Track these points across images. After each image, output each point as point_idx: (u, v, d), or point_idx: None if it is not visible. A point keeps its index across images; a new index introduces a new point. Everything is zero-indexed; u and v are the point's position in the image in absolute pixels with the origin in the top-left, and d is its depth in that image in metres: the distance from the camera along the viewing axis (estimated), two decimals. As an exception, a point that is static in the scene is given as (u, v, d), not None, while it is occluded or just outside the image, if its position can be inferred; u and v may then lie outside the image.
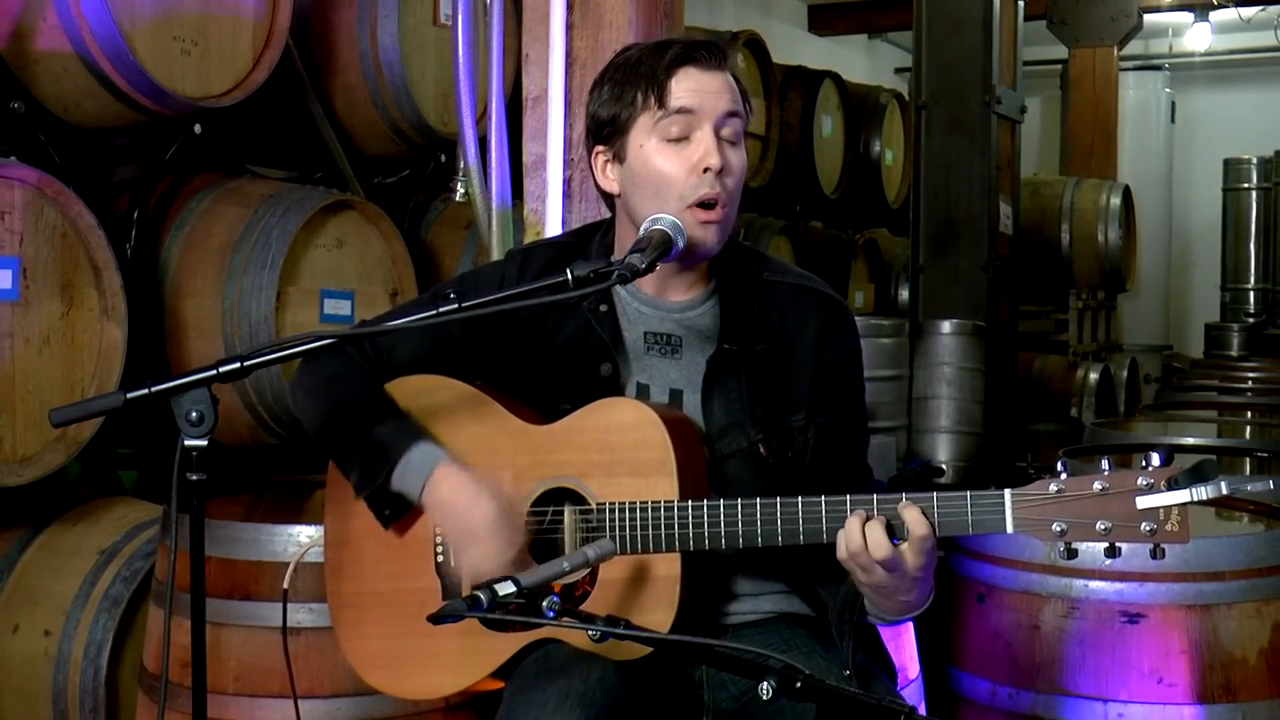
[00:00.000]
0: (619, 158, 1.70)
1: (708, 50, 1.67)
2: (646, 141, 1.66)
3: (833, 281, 1.90)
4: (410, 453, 1.65)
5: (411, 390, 1.74)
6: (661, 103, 1.65)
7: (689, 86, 1.65)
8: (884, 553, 1.49)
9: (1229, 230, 9.86)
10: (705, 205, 1.65)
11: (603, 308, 1.74)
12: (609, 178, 1.73)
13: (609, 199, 1.77)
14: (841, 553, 1.53)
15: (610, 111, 1.70)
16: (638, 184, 1.68)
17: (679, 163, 1.65)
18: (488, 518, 1.61)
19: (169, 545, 2.19)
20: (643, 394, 1.73)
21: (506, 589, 1.35)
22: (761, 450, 1.71)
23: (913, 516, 1.50)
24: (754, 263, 1.80)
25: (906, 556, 1.50)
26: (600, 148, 1.73)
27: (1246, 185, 9.69)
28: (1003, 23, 5.16)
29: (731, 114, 1.67)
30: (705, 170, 1.64)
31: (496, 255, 2.61)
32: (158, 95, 2.88)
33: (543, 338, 1.76)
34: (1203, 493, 1.40)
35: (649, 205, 1.67)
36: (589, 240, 1.83)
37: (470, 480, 1.64)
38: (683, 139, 1.65)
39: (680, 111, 1.64)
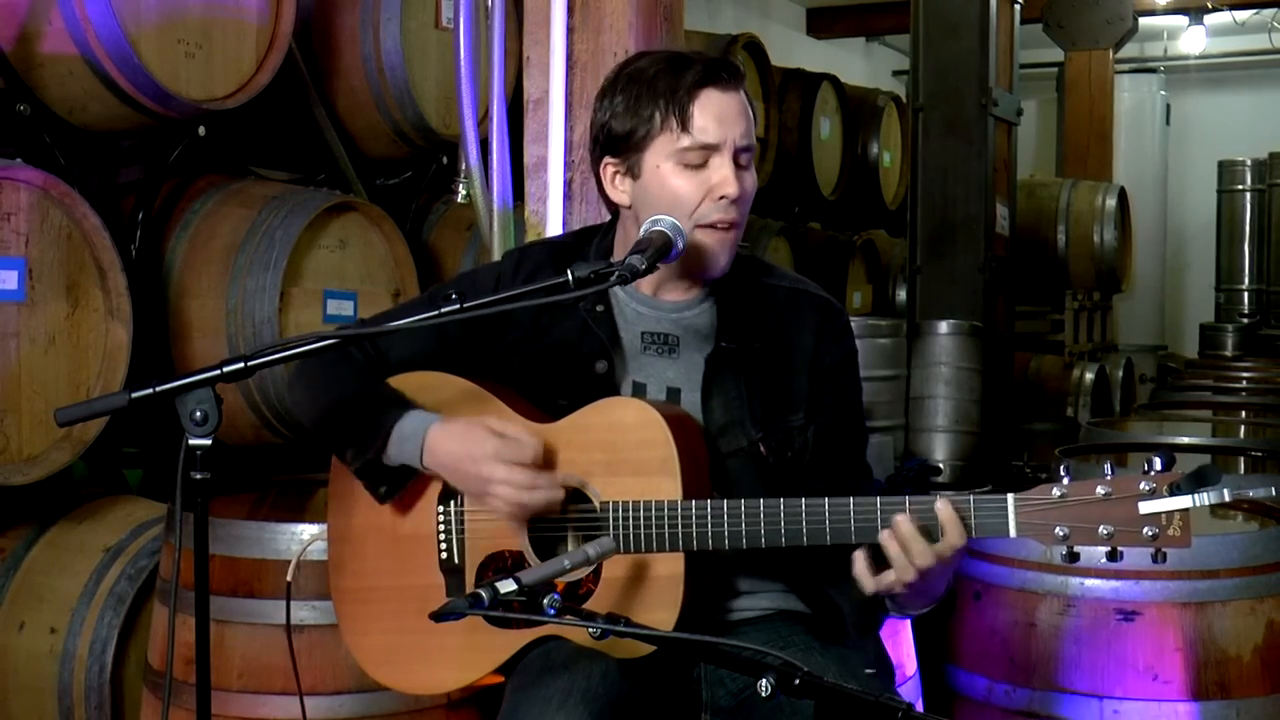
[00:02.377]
0: (632, 173, 1.71)
1: (728, 71, 1.68)
2: (664, 163, 1.67)
3: (831, 282, 1.93)
4: (402, 421, 1.67)
5: (413, 387, 1.75)
6: (685, 127, 1.66)
7: (712, 114, 1.66)
8: (920, 549, 1.51)
9: (1223, 232, 9.89)
10: (716, 228, 1.67)
11: (599, 307, 1.75)
12: (618, 189, 1.74)
13: (612, 205, 1.79)
14: (860, 569, 1.55)
15: (625, 126, 1.69)
16: (650, 201, 1.69)
17: (695, 187, 1.66)
18: (489, 457, 1.62)
19: (173, 543, 2.20)
20: (639, 392, 1.75)
21: (508, 586, 1.37)
22: (762, 449, 1.72)
23: (946, 514, 1.51)
24: (749, 267, 1.81)
25: (945, 551, 1.52)
26: (611, 160, 1.73)
27: (1241, 187, 9.72)
28: (999, 26, 5.17)
29: (747, 147, 1.69)
30: (721, 198, 1.66)
31: (498, 256, 2.62)
32: (162, 98, 2.89)
33: (537, 335, 1.77)
34: (1205, 498, 1.41)
35: None
36: (587, 242, 1.84)
37: (461, 430, 1.65)
38: (701, 165, 1.67)
39: (704, 146, 1.66)
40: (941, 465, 4.38)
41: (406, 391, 1.75)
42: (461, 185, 2.74)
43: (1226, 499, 1.40)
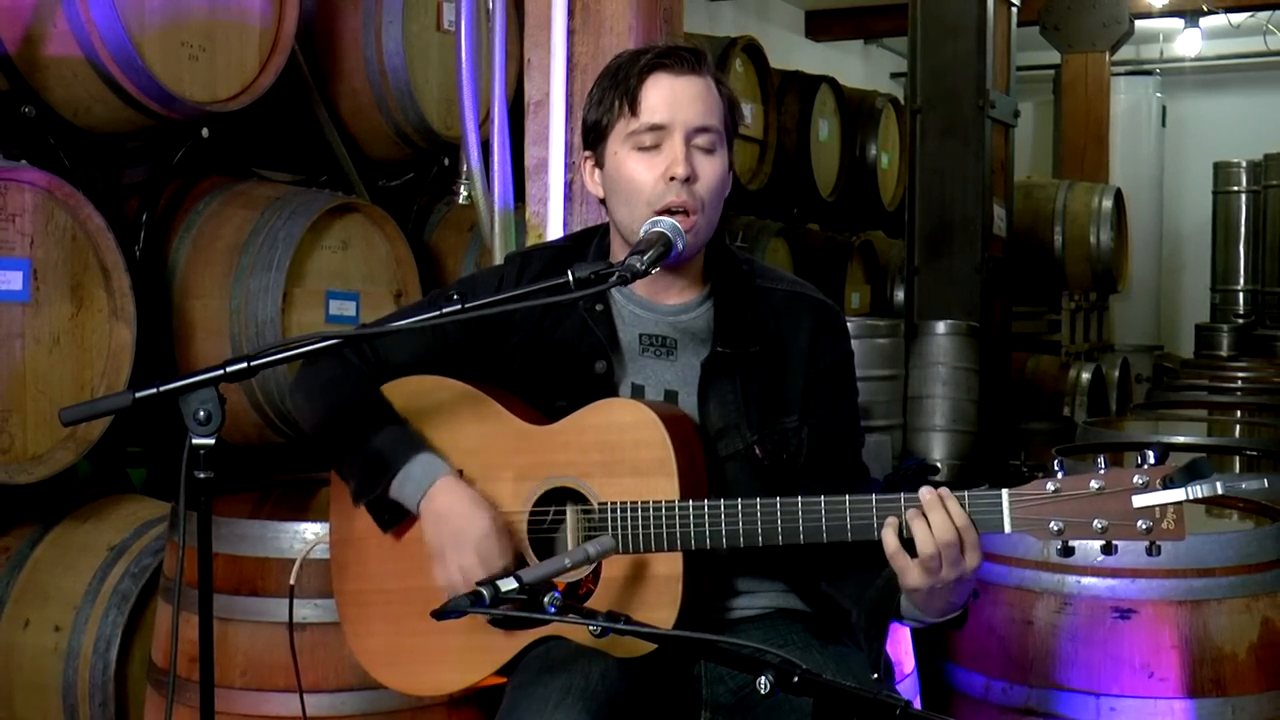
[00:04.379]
0: (600, 163, 1.74)
1: (679, 57, 1.68)
2: (620, 149, 1.69)
3: (829, 283, 1.94)
4: (411, 464, 1.67)
5: (411, 390, 1.76)
6: (634, 110, 1.67)
7: (661, 96, 1.67)
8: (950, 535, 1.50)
9: (1219, 233, 9.92)
10: (672, 211, 1.66)
11: (598, 307, 1.76)
12: (594, 181, 1.76)
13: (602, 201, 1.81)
14: (891, 546, 1.52)
15: (593, 118, 1.73)
16: (613, 190, 1.72)
17: (648, 170, 1.67)
18: (479, 531, 1.63)
19: (177, 542, 2.21)
20: (638, 394, 1.75)
21: (509, 585, 1.38)
22: (757, 452, 1.73)
23: (954, 508, 1.51)
24: (747, 269, 1.82)
25: (967, 555, 1.51)
26: (587, 153, 1.76)
27: (1236, 188, 9.75)
28: (996, 28, 5.19)
29: (703, 128, 1.68)
30: (672, 179, 1.66)
31: (499, 257, 2.64)
32: (166, 100, 2.91)
33: (539, 338, 1.78)
34: (1198, 491, 1.42)
35: (622, 211, 1.70)
36: (586, 244, 1.85)
37: (469, 495, 1.66)
38: (654, 147, 1.67)
39: (652, 127, 1.67)
40: (939, 464, 4.40)
41: (404, 396, 1.75)
42: (463, 186, 2.75)
43: (1219, 491, 1.41)
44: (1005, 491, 1.51)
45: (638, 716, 1.66)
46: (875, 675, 1.66)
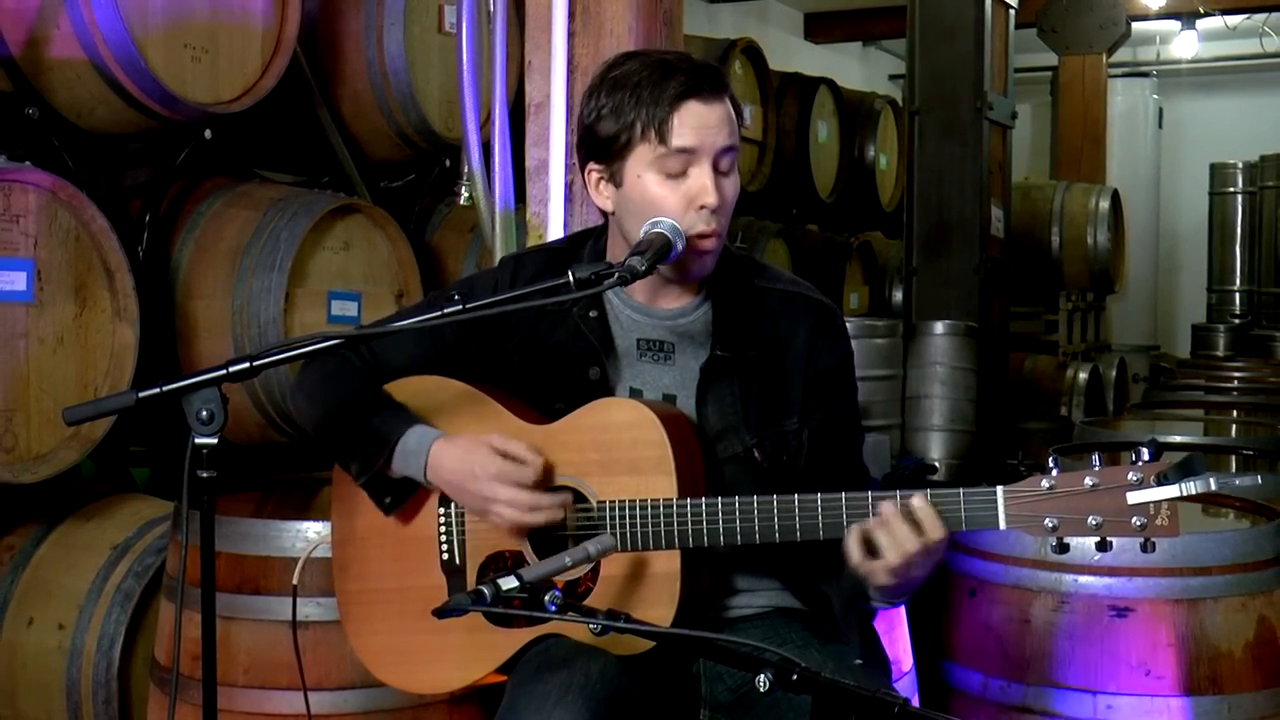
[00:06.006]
0: (615, 181, 1.70)
1: (710, 83, 1.67)
2: (645, 173, 1.67)
3: (828, 283, 1.95)
4: (406, 436, 1.69)
5: (411, 390, 1.77)
6: (663, 139, 1.65)
7: (691, 124, 1.65)
8: (914, 544, 1.53)
9: (1215, 233, 9.92)
10: (703, 237, 1.67)
11: (592, 313, 1.76)
12: (602, 195, 1.73)
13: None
14: (855, 557, 1.56)
15: (608, 131, 1.68)
16: (632, 210, 1.69)
17: (675, 197, 1.66)
18: (489, 473, 1.64)
19: (180, 540, 2.21)
20: (635, 398, 1.75)
21: (509, 584, 1.39)
22: (756, 455, 1.73)
23: (922, 510, 1.54)
24: (745, 269, 1.81)
25: (934, 554, 1.55)
26: (595, 165, 1.72)
27: (1232, 189, 9.76)
28: (994, 31, 5.21)
29: (729, 148, 1.68)
30: (701, 207, 1.66)
31: (500, 257, 2.65)
32: (169, 101, 2.92)
33: (535, 341, 1.78)
34: (1192, 488, 1.43)
35: (639, 231, 1.68)
36: (581, 246, 1.85)
37: (464, 448, 1.67)
38: (680, 174, 1.66)
39: (681, 152, 1.65)
40: (937, 464, 4.42)
41: (405, 395, 1.76)
42: (464, 188, 2.76)
43: (1213, 488, 1.41)
44: (1000, 488, 1.52)
45: (637, 714, 1.67)
46: (859, 661, 1.67)
